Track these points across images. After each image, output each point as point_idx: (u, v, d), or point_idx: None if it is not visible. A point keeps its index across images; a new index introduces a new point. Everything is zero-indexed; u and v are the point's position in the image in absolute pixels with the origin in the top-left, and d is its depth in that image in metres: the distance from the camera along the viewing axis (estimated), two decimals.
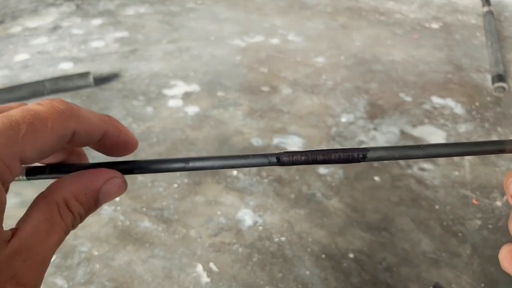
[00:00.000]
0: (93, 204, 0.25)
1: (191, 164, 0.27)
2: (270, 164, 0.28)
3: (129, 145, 0.27)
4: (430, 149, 0.28)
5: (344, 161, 0.28)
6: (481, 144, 0.29)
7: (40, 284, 0.22)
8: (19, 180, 0.26)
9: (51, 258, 0.23)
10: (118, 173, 0.26)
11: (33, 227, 0.22)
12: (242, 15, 2.21)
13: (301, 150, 0.29)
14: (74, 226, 0.24)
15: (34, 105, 0.22)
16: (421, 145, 0.28)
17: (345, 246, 1.02)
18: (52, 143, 0.22)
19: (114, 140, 0.26)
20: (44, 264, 0.22)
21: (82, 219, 0.25)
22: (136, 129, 1.38)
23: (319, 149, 0.28)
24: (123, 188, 0.27)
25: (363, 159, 0.28)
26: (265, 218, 1.09)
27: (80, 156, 0.29)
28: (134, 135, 0.28)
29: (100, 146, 0.26)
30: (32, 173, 0.27)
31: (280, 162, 0.28)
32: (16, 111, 0.21)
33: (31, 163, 0.22)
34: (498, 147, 0.29)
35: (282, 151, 0.28)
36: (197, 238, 1.04)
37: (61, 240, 0.23)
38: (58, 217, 0.23)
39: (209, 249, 1.01)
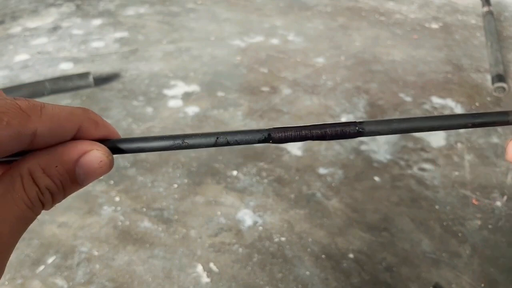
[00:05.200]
0: (67, 179, 0.22)
1: (186, 141, 0.25)
2: (261, 141, 0.26)
3: (110, 138, 0.25)
4: (429, 121, 0.27)
5: (339, 136, 0.26)
6: (484, 116, 0.27)
7: (2, 267, 0.20)
8: None
9: (14, 237, 0.20)
10: (99, 145, 0.23)
11: None
12: (242, 16, 2.21)
13: (293, 126, 0.26)
14: (44, 203, 0.22)
15: None
16: (420, 117, 0.27)
17: (345, 246, 1.02)
18: (6, 140, 0.20)
19: (91, 135, 0.24)
20: (4, 244, 0.19)
21: (55, 196, 0.22)
22: (136, 129, 1.38)
23: (312, 124, 0.26)
24: (105, 164, 0.23)
25: (359, 134, 0.26)
26: (265, 218, 1.09)
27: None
28: (115, 128, 0.25)
29: None
30: None
31: (271, 139, 0.26)
32: None
33: None
34: (502, 118, 0.27)
35: (272, 127, 0.26)
36: (197, 238, 1.04)
37: (24, 216, 0.20)
38: (21, 189, 0.20)
39: (209, 249, 1.01)
